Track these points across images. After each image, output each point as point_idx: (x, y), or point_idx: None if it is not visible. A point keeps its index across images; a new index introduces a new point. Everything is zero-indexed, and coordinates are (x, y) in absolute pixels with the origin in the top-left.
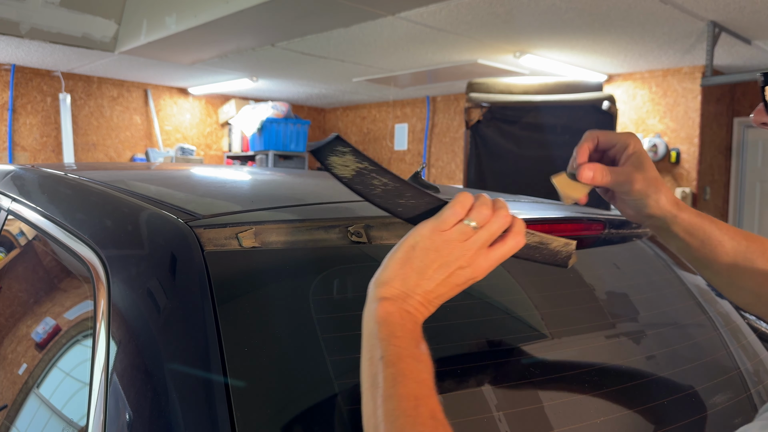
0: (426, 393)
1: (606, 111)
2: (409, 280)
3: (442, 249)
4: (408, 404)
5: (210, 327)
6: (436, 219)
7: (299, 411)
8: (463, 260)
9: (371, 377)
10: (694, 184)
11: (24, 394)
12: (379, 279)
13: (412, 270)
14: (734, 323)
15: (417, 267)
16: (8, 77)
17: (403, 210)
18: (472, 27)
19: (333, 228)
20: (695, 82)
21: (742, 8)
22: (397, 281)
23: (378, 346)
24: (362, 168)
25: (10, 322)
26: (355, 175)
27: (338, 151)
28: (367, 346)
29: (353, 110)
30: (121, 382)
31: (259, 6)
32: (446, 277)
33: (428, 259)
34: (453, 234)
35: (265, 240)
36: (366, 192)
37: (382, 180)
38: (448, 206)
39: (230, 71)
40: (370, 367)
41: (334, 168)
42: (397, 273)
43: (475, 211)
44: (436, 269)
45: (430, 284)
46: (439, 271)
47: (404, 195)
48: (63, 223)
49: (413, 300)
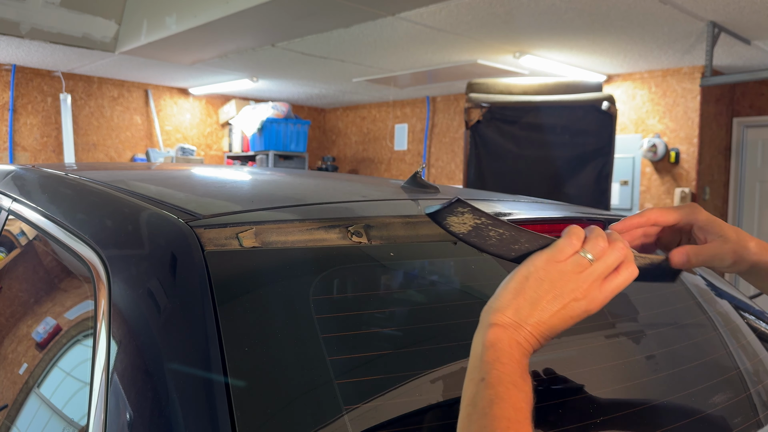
0: (520, 419)
1: (606, 111)
2: (522, 311)
3: (557, 281)
4: (500, 425)
5: (210, 327)
6: (552, 249)
7: (299, 411)
8: (578, 292)
9: (471, 397)
10: (694, 184)
11: (24, 393)
12: (492, 306)
13: (525, 300)
14: (734, 323)
15: (530, 297)
16: (9, 77)
17: (516, 254)
18: (472, 27)
19: (333, 228)
20: (695, 82)
21: (742, 8)
22: (510, 311)
23: (482, 368)
24: (479, 223)
25: (11, 321)
26: (472, 229)
27: (457, 212)
28: (471, 368)
29: (353, 110)
30: (122, 382)
31: (259, 6)
32: (559, 309)
33: (542, 290)
34: (568, 266)
35: (265, 240)
36: (481, 244)
37: (498, 231)
38: (564, 237)
39: (230, 71)
40: (470, 388)
41: (452, 227)
42: (510, 302)
43: (590, 243)
44: (550, 300)
45: (543, 315)
46: (553, 303)
47: (519, 241)
48: (63, 223)
49: (524, 331)
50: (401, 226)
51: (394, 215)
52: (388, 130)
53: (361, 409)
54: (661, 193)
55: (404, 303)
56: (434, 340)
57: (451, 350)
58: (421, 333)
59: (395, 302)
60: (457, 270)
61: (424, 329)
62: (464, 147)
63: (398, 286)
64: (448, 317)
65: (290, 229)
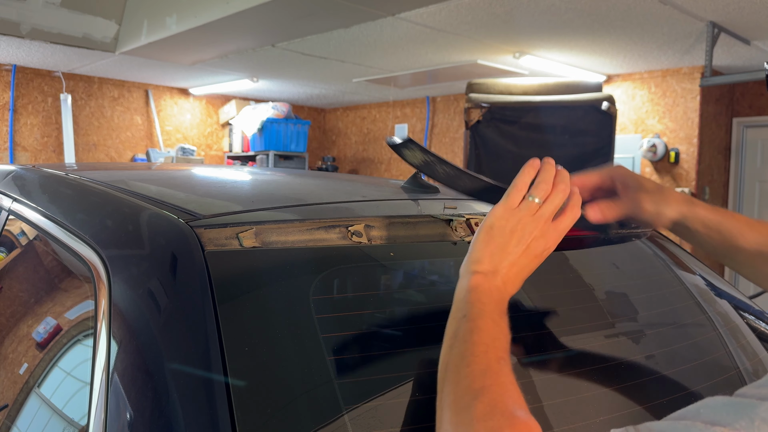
0: (497, 346)
1: (605, 111)
2: (495, 257)
3: (516, 225)
4: (478, 349)
5: (211, 327)
6: (505, 199)
7: (299, 411)
8: (536, 231)
9: (453, 331)
10: (693, 184)
11: (25, 393)
12: (469, 260)
13: (496, 247)
14: (733, 323)
15: (499, 244)
16: (9, 77)
17: (461, 189)
18: (471, 27)
19: (333, 228)
20: (694, 82)
21: (742, 9)
22: (485, 259)
23: (464, 307)
24: (428, 160)
25: (12, 321)
26: (423, 164)
27: (410, 147)
28: (454, 309)
29: (353, 110)
30: (122, 382)
31: (259, 6)
32: (525, 249)
33: (506, 235)
34: (522, 211)
35: (265, 240)
36: (432, 174)
37: (444, 168)
38: (513, 185)
39: (231, 72)
40: (452, 324)
41: (408, 157)
42: (483, 252)
43: (536, 188)
44: (515, 243)
45: (513, 257)
46: (518, 245)
47: (462, 179)
48: (64, 223)
49: (500, 274)
50: (401, 226)
51: (394, 215)
52: (388, 130)
53: (361, 409)
54: None
55: (404, 303)
56: (434, 340)
57: None
58: (421, 333)
59: (395, 302)
60: (457, 270)
61: (424, 329)
62: (464, 147)
63: (398, 286)
64: (448, 317)
65: (290, 229)
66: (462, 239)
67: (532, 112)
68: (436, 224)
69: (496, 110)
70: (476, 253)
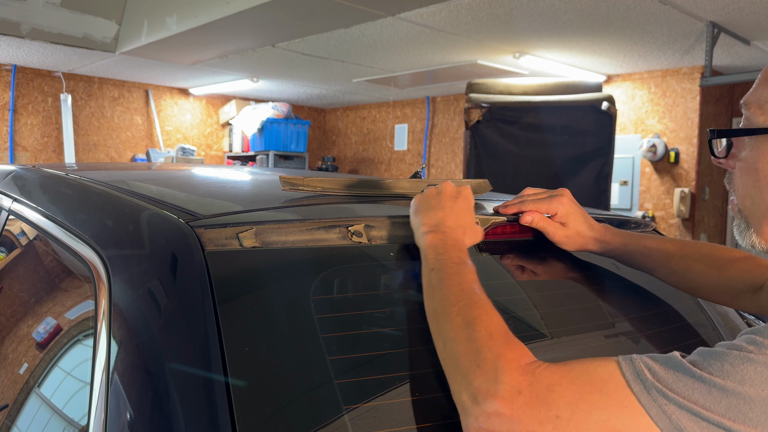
0: (468, 279)
1: (605, 111)
2: (430, 218)
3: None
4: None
5: (211, 327)
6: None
7: (299, 411)
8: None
9: (426, 284)
10: (693, 184)
11: (25, 393)
12: (416, 231)
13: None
14: (733, 323)
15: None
16: (9, 78)
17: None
18: (471, 28)
19: (333, 228)
20: (694, 82)
21: (741, 9)
22: (425, 221)
23: (428, 263)
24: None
25: (12, 321)
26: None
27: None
28: (423, 269)
29: (353, 110)
30: (122, 382)
31: (259, 7)
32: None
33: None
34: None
35: (265, 240)
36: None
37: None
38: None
39: (231, 72)
40: (425, 279)
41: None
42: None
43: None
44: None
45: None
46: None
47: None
48: (64, 223)
49: (442, 227)
50: (401, 226)
51: (394, 215)
52: (388, 130)
53: (361, 409)
54: (660, 193)
55: (404, 303)
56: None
57: None
58: (421, 333)
59: (395, 302)
60: None
61: (424, 329)
62: (464, 147)
63: (398, 286)
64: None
65: (290, 229)
66: None
67: (532, 112)
68: None
69: (496, 110)
70: (416, 223)
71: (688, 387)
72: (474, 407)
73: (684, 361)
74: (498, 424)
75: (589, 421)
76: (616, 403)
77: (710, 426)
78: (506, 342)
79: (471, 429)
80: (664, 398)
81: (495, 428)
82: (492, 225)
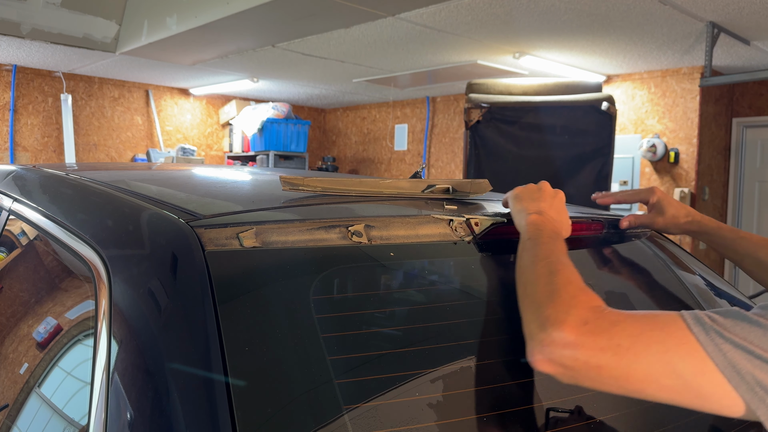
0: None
1: (605, 111)
2: (532, 205)
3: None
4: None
5: (211, 327)
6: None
7: (299, 411)
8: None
9: (521, 249)
10: (693, 184)
11: (25, 393)
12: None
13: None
14: None
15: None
16: (10, 78)
17: None
18: (471, 28)
19: (333, 228)
20: (694, 82)
21: (741, 9)
22: (529, 206)
23: (525, 235)
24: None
25: (12, 321)
26: None
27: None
28: (521, 243)
29: (353, 110)
30: (123, 382)
31: (259, 7)
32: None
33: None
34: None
35: (265, 240)
36: None
37: None
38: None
39: (231, 72)
40: (520, 245)
41: None
42: (523, 206)
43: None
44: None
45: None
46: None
47: None
48: (64, 223)
49: (545, 214)
50: (401, 226)
51: (394, 215)
52: (388, 130)
53: (361, 409)
54: None
55: (404, 303)
56: (434, 340)
57: (451, 350)
58: (421, 333)
59: (395, 302)
60: (457, 270)
61: (424, 329)
62: (464, 147)
63: (398, 286)
64: (448, 317)
65: (290, 229)
66: (462, 239)
67: (532, 112)
68: (436, 224)
69: (496, 110)
70: (519, 208)
71: (745, 330)
72: (540, 333)
73: (742, 311)
74: (561, 348)
75: (648, 351)
76: (675, 340)
77: (762, 363)
78: (582, 289)
79: (535, 353)
80: (721, 338)
81: (557, 352)
82: (492, 225)
